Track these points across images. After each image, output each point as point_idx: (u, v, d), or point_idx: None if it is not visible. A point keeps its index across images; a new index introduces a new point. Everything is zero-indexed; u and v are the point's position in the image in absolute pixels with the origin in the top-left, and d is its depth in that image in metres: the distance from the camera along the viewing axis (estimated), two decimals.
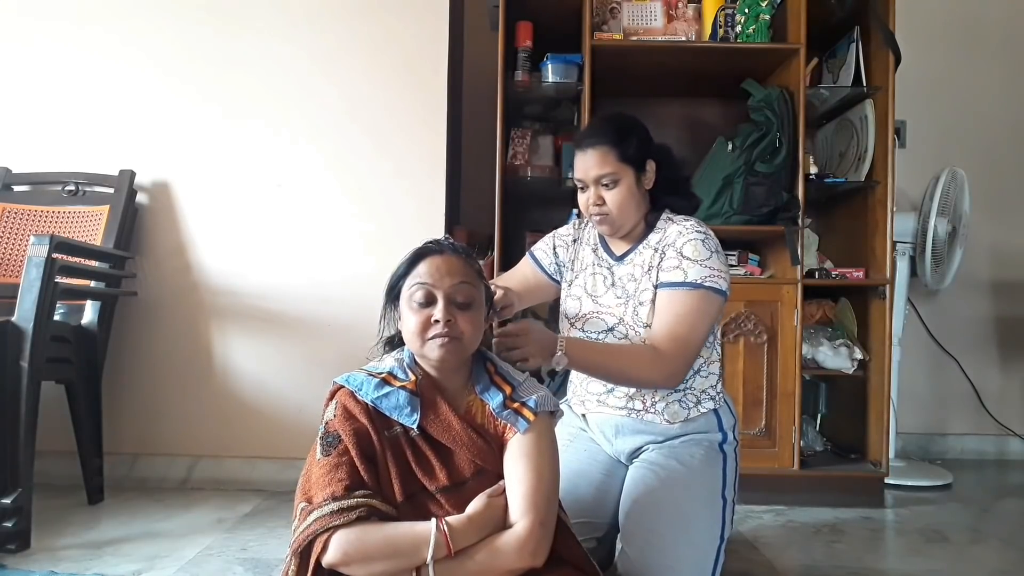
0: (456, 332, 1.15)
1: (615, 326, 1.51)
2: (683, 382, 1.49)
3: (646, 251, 1.52)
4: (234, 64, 2.59)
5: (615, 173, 1.49)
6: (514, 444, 1.15)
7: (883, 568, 1.90)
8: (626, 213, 1.51)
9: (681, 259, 1.44)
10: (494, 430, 1.18)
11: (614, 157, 1.49)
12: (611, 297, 1.55)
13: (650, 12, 2.58)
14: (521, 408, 1.17)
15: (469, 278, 1.19)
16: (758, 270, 2.60)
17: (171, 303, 2.56)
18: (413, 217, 2.57)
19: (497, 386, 1.21)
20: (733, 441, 1.54)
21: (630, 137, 1.51)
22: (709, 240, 1.47)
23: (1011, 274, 3.16)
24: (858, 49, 2.54)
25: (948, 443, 3.12)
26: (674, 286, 1.43)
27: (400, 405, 1.14)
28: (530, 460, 1.13)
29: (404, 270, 1.21)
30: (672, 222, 1.52)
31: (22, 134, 2.58)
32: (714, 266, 1.43)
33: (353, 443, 1.11)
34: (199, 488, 2.49)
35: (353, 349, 2.43)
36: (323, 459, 1.11)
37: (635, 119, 1.57)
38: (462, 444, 1.14)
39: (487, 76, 2.56)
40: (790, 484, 2.42)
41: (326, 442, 1.13)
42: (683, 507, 1.42)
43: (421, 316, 1.15)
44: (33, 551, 1.85)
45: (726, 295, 1.45)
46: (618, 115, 1.58)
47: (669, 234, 1.50)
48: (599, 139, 1.51)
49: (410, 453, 1.14)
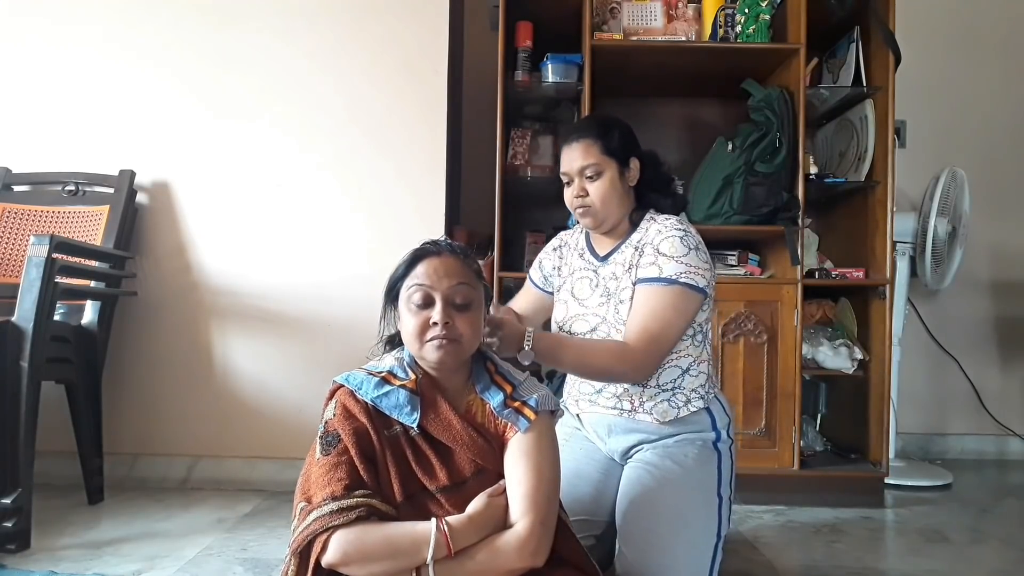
0: (455, 334, 1.14)
1: (598, 326, 1.53)
2: (672, 382, 1.49)
3: (627, 250, 1.54)
4: (234, 64, 2.59)
5: (598, 164, 1.53)
6: (515, 443, 1.15)
7: (883, 568, 1.90)
8: (608, 206, 1.54)
9: (657, 255, 1.46)
10: (494, 429, 1.18)
11: (597, 149, 1.53)
12: (595, 298, 1.56)
13: (650, 12, 2.58)
14: (522, 407, 1.17)
15: (467, 279, 1.19)
16: (758, 270, 2.60)
17: (171, 303, 2.57)
18: (413, 217, 2.57)
19: (497, 385, 1.20)
20: (727, 439, 1.54)
21: (613, 131, 1.56)
22: (688, 237, 1.47)
23: (1011, 274, 3.16)
24: (858, 49, 2.54)
25: (948, 443, 3.12)
26: (650, 282, 1.45)
27: (400, 404, 1.14)
28: (531, 459, 1.13)
29: (403, 271, 1.20)
30: (654, 221, 1.55)
31: (22, 134, 2.58)
32: (691, 263, 1.44)
33: (353, 442, 1.10)
34: (199, 488, 2.49)
35: (353, 349, 2.46)
36: (322, 458, 1.11)
37: (618, 118, 1.63)
38: (462, 443, 1.14)
39: (487, 76, 2.56)
40: (790, 484, 2.42)
41: (325, 441, 1.12)
42: (679, 506, 1.43)
43: (419, 318, 1.15)
44: (33, 551, 1.85)
45: (706, 292, 1.45)
46: (602, 114, 1.66)
47: (650, 232, 1.52)
48: (583, 132, 1.57)
49: (410, 452, 1.14)
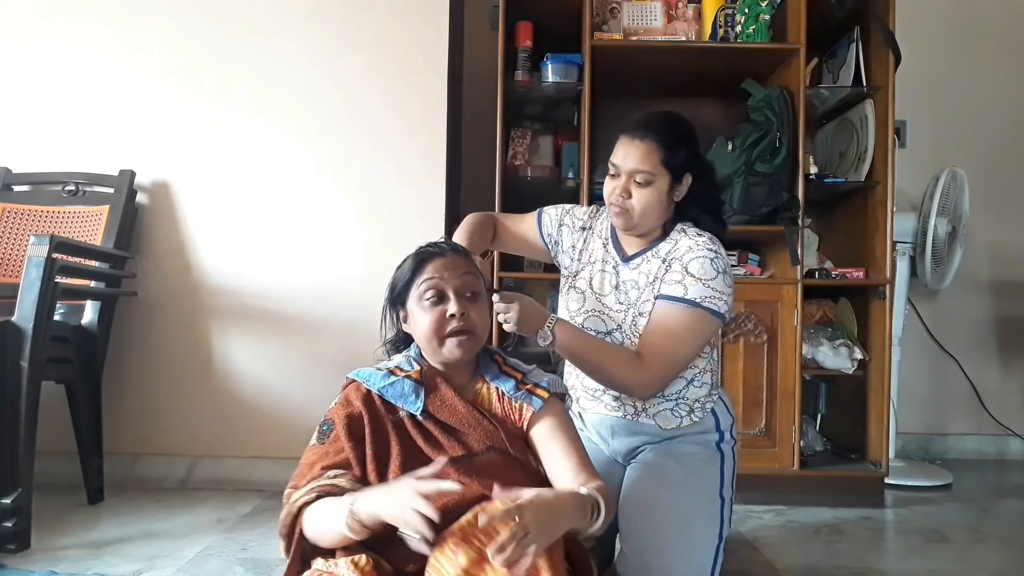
0: (470, 324, 1.19)
1: (613, 331, 1.51)
2: (677, 392, 1.49)
3: (654, 260, 1.49)
4: (234, 64, 2.59)
5: (652, 174, 1.44)
6: (541, 427, 1.20)
7: (883, 568, 1.90)
8: (647, 216, 1.47)
9: (685, 275, 1.42)
10: (503, 414, 1.22)
11: (658, 158, 1.44)
12: (613, 300, 1.53)
13: (650, 12, 2.58)
14: (534, 388, 1.22)
15: (471, 269, 1.24)
16: (758, 270, 2.60)
17: (171, 303, 2.56)
18: (413, 217, 2.57)
19: (507, 374, 1.26)
20: (731, 440, 1.53)
21: (681, 145, 1.47)
22: (718, 260, 1.43)
23: (1011, 274, 3.16)
24: (858, 49, 2.53)
25: (948, 443, 3.12)
26: (672, 300, 1.42)
27: (405, 393, 1.19)
28: (566, 433, 1.20)
29: (410, 274, 1.23)
30: (684, 234, 1.49)
31: (22, 134, 2.58)
32: (717, 287, 1.41)
33: (344, 425, 1.15)
34: (199, 488, 2.49)
35: (353, 348, 2.47)
36: (316, 446, 1.16)
37: (690, 126, 1.52)
38: (468, 424, 1.18)
39: (487, 76, 2.56)
40: (790, 484, 2.42)
41: (321, 430, 1.18)
42: (681, 507, 1.42)
43: (435, 313, 1.18)
44: (33, 551, 1.85)
45: (724, 318, 1.43)
46: (676, 117, 1.52)
47: (680, 247, 1.46)
48: (651, 134, 1.45)
49: (418, 434, 1.17)
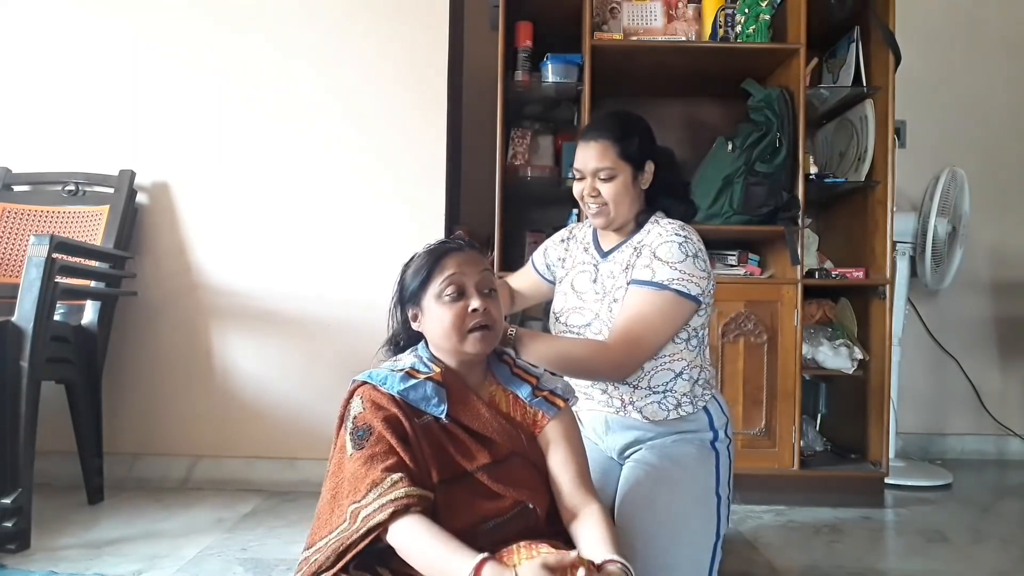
0: (491, 320, 1.19)
1: (592, 321, 1.53)
2: (663, 384, 1.49)
3: (627, 249, 1.54)
4: (234, 64, 2.59)
5: (612, 168, 1.51)
6: (550, 432, 1.22)
7: (883, 568, 1.90)
8: (620, 207, 1.53)
9: (653, 259, 1.46)
10: (520, 418, 1.23)
11: (614, 153, 1.51)
12: (591, 293, 1.57)
13: (650, 12, 2.58)
14: (551, 396, 1.24)
15: (487, 266, 1.25)
16: (758, 270, 2.60)
17: (171, 303, 2.57)
18: (413, 217, 2.57)
19: (520, 378, 1.26)
20: (725, 439, 1.54)
21: (632, 136, 1.53)
22: (687, 244, 1.46)
23: (1011, 274, 3.16)
24: (858, 49, 2.53)
25: (948, 443, 3.12)
26: (641, 284, 1.45)
27: (428, 396, 1.16)
28: (571, 442, 1.22)
29: (428, 271, 1.20)
30: (657, 224, 1.54)
31: (22, 134, 2.58)
32: (686, 270, 1.43)
33: (385, 427, 1.10)
34: (199, 488, 2.49)
35: (352, 349, 2.48)
36: (356, 453, 1.09)
37: (640, 118, 1.59)
38: (493, 430, 1.17)
39: (487, 76, 2.56)
40: (790, 484, 2.42)
41: (357, 436, 1.11)
42: (677, 506, 1.42)
43: (456, 309, 1.17)
44: (33, 551, 1.85)
45: (699, 300, 1.44)
46: (624, 113, 1.59)
47: (651, 235, 1.51)
48: (601, 133, 1.53)
49: (445, 438, 1.15)
